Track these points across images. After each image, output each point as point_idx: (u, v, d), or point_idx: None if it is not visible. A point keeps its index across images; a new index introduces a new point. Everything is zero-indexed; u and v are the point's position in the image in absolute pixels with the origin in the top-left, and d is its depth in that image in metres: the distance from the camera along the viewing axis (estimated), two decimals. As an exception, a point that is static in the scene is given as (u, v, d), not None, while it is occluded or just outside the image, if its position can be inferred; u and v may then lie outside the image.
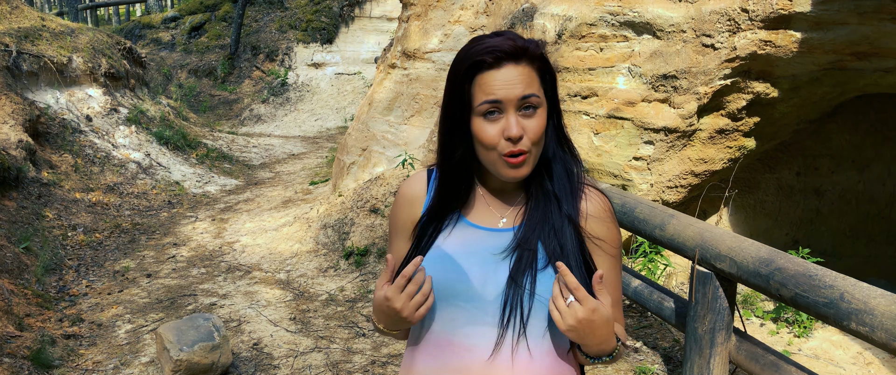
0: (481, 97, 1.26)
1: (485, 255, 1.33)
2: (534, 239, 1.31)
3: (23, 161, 6.61)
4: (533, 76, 1.28)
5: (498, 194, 1.39)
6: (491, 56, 1.26)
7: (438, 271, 1.33)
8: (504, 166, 1.28)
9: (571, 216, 1.32)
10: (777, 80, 4.50)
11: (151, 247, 6.18)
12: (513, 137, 1.25)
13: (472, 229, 1.37)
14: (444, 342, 1.33)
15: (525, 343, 1.29)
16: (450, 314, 1.33)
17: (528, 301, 1.28)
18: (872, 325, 2.37)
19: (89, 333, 4.33)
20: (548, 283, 1.28)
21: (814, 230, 5.64)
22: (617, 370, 3.74)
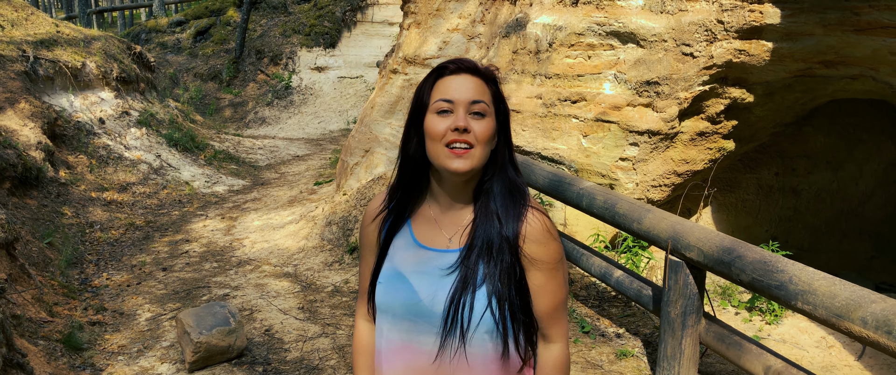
0: (437, 96, 1.45)
1: (433, 274, 1.49)
2: (475, 259, 1.46)
3: (42, 162, 6.95)
4: (485, 91, 1.47)
5: (446, 214, 1.53)
6: (454, 65, 1.48)
7: (394, 288, 1.51)
8: (448, 157, 1.43)
9: (509, 238, 1.46)
10: (752, 86, 4.83)
11: (165, 243, 6.51)
12: (459, 127, 1.41)
13: (423, 250, 1.52)
14: (402, 346, 1.52)
15: (463, 351, 1.46)
16: (406, 325, 1.50)
17: (468, 315, 1.44)
18: (815, 304, 2.71)
19: (112, 320, 4.66)
20: (482, 298, 1.44)
21: (791, 227, 5.97)
22: (600, 353, 4.07)
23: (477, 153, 1.43)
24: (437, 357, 1.47)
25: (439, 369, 1.48)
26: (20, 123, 7.17)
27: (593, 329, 4.36)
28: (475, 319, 1.44)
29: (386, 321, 1.54)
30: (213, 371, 3.90)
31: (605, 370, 3.87)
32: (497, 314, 1.45)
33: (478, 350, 1.47)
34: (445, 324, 1.45)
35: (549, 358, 1.56)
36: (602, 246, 5.19)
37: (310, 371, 3.92)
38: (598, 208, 4.10)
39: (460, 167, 1.42)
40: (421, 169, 1.52)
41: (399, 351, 1.52)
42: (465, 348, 1.46)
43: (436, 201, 1.54)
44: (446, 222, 1.53)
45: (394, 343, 1.53)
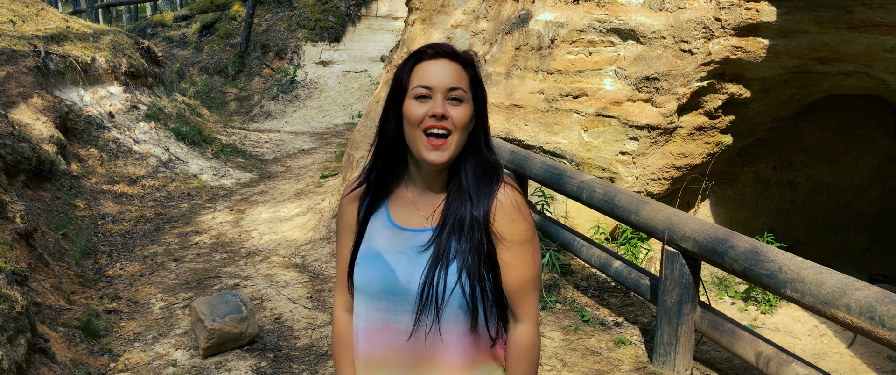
0: (416, 82, 1.47)
1: (409, 253, 1.52)
2: (447, 236, 1.49)
3: (55, 155, 7.10)
4: (463, 76, 1.49)
5: (423, 195, 1.56)
6: (432, 50, 1.49)
7: (372, 268, 1.54)
8: (426, 147, 1.46)
9: (478, 217, 1.49)
10: (749, 82, 4.95)
11: (175, 235, 6.67)
12: (437, 114, 1.43)
13: (399, 230, 1.55)
14: (381, 325, 1.54)
15: (438, 327, 1.49)
16: (383, 304, 1.53)
17: (441, 291, 1.47)
18: (802, 291, 2.84)
19: (127, 309, 4.81)
20: (453, 275, 1.47)
21: (788, 220, 6.09)
22: (599, 341, 4.21)
23: (454, 141, 1.46)
24: (412, 335, 1.49)
25: (415, 346, 1.50)
26: (33, 117, 7.31)
27: (593, 318, 4.50)
28: (447, 294, 1.47)
29: (364, 302, 1.56)
30: (227, 356, 4.05)
31: (603, 356, 4.01)
32: (467, 289, 1.47)
33: (451, 326, 1.49)
34: (420, 301, 1.47)
35: (515, 337, 1.58)
36: (602, 238, 5.32)
37: (319, 358, 4.06)
38: (597, 201, 4.24)
39: (437, 159, 1.45)
40: (398, 150, 1.54)
41: (377, 331, 1.54)
42: (439, 324, 1.48)
43: (413, 183, 1.57)
44: (422, 203, 1.55)
45: (373, 322, 1.55)
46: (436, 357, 1.51)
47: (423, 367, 1.51)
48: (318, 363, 4.00)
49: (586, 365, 3.89)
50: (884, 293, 2.61)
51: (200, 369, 3.93)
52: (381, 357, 1.54)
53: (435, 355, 1.51)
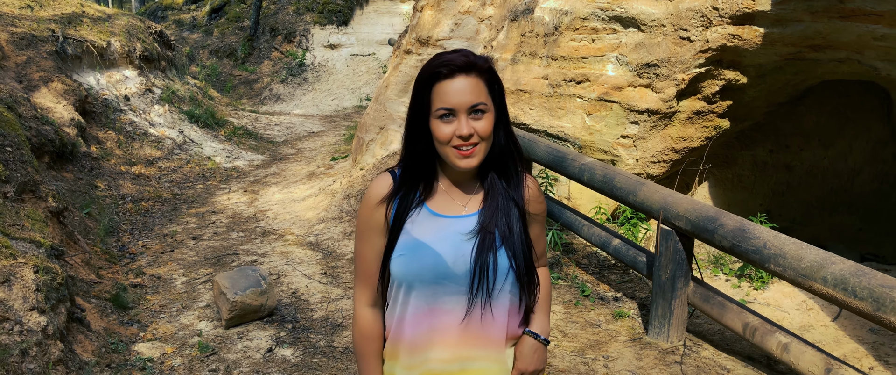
0: (438, 104, 1.53)
1: (453, 238, 1.60)
2: (492, 224, 1.61)
3: (76, 137, 7.35)
4: (481, 86, 1.55)
5: (458, 185, 1.66)
6: (446, 68, 1.53)
7: (415, 256, 1.59)
8: (457, 157, 1.55)
9: (518, 202, 1.64)
10: (745, 68, 5.14)
11: (193, 214, 6.93)
12: (463, 135, 1.52)
13: (439, 218, 1.62)
14: (427, 310, 1.60)
15: (490, 306, 1.61)
16: (430, 289, 1.60)
17: (493, 275, 1.59)
18: (784, 266, 3.07)
19: (152, 284, 5.08)
20: (504, 257, 1.60)
21: (784, 202, 6.30)
22: (598, 314, 4.45)
23: (481, 148, 1.56)
24: (467, 315, 1.59)
25: (468, 326, 1.60)
26: (54, 100, 7.56)
27: (593, 294, 4.74)
28: (500, 277, 1.59)
29: (410, 290, 1.61)
30: (247, 327, 4.32)
31: (602, 328, 4.25)
32: (517, 270, 1.61)
33: (501, 304, 1.62)
34: (473, 284, 1.58)
35: (544, 274, 1.82)
36: (604, 218, 5.54)
37: (334, 328, 4.33)
38: (597, 182, 4.46)
39: (468, 165, 1.56)
40: (427, 159, 1.63)
41: (425, 316, 1.61)
42: (491, 303, 1.60)
43: (446, 176, 1.66)
44: (456, 193, 1.65)
45: (420, 308, 1.61)
46: (485, 334, 1.62)
47: (470, 345, 1.61)
48: (333, 333, 4.26)
49: (585, 337, 4.14)
50: (857, 267, 2.84)
51: (224, 338, 4.20)
52: (428, 339, 1.62)
53: (485, 331, 1.62)
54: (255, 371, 3.82)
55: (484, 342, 1.62)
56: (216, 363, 3.90)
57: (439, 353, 1.61)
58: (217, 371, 3.82)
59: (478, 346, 1.62)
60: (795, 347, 3.27)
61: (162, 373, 3.76)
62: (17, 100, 6.51)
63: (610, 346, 4.02)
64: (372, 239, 1.67)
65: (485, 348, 1.63)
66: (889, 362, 3.68)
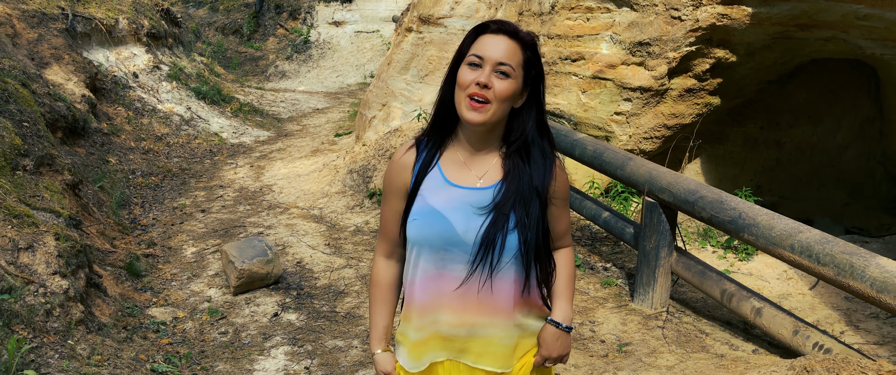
0: (473, 51, 1.62)
1: (466, 209, 1.67)
2: (508, 206, 1.65)
3: (87, 113, 7.57)
4: (517, 53, 1.62)
5: (474, 155, 1.71)
6: (495, 25, 1.64)
7: (430, 223, 1.68)
8: (466, 107, 1.61)
9: (540, 191, 1.67)
10: (735, 47, 5.30)
11: (201, 188, 7.16)
12: (481, 82, 1.58)
13: (455, 188, 1.70)
14: (436, 274, 1.70)
15: (490, 282, 1.68)
16: (440, 255, 1.68)
17: (499, 253, 1.65)
18: (757, 235, 3.27)
19: (163, 253, 5.33)
20: (514, 239, 1.66)
21: (774, 177, 6.49)
22: (588, 283, 4.67)
23: (492, 108, 1.61)
24: (464, 283, 1.67)
25: (466, 293, 1.68)
26: (65, 77, 7.76)
27: (584, 263, 4.96)
28: (505, 257, 1.66)
29: (422, 253, 1.71)
30: (254, 294, 4.56)
31: (590, 296, 4.48)
32: (524, 253, 1.67)
33: (504, 280, 1.68)
34: (476, 256, 1.65)
35: (566, 257, 1.85)
36: (597, 193, 5.75)
37: (337, 295, 4.56)
38: (588, 157, 4.66)
39: (474, 118, 1.61)
40: (451, 113, 1.69)
41: (433, 279, 1.70)
42: (491, 278, 1.67)
43: (463, 146, 1.72)
44: (473, 164, 1.71)
45: (429, 272, 1.70)
46: (489, 304, 1.69)
47: (476, 312, 1.70)
48: (335, 299, 4.50)
49: (574, 302, 4.36)
50: (822, 235, 3.04)
51: (232, 304, 4.44)
52: (436, 302, 1.71)
53: (489, 301, 1.69)
54: (262, 333, 4.07)
55: (489, 311, 1.70)
56: (225, 326, 4.15)
57: (447, 317, 1.70)
58: (226, 333, 4.06)
59: (483, 314, 1.70)
60: (767, 311, 3.49)
61: (175, 335, 4.01)
62: (30, 77, 6.71)
63: (597, 312, 4.24)
64: (392, 201, 1.77)
65: (491, 316, 1.70)
66: (859, 327, 3.90)
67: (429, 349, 1.75)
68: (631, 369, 3.46)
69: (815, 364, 2.63)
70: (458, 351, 1.74)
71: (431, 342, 1.74)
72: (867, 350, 3.59)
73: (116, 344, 3.59)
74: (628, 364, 3.53)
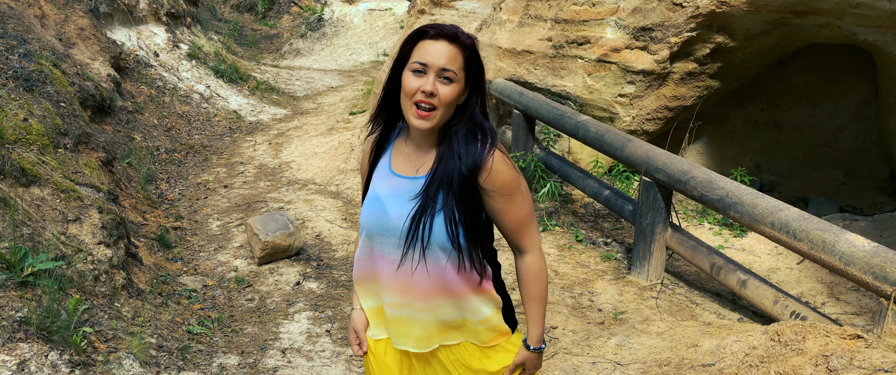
0: (415, 57, 1.68)
1: (401, 196, 1.77)
2: (434, 188, 1.72)
3: (112, 92, 7.89)
4: (458, 57, 1.68)
5: (417, 149, 1.80)
6: (433, 30, 1.69)
7: (371, 208, 1.80)
8: (414, 116, 1.69)
9: (468, 173, 1.70)
10: (734, 32, 5.53)
11: (222, 165, 7.49)
12: (426, 91, 1.65)
13: (397, 178, 1.80)
14: (375, 255, 1.81)
15: (424, 262, 1.74)
16: (378, 238, 1.79)
17: (427, 234, 1.71)
18: (741, 212, 3.56)
19: (190, 226, 5.67)
20: (440, 222, 1.71)
21: (773, 157, 6.73)
22: (589, 257, 4.98)
23: (438, 114, 1.69)
24: (400, 266, 1.76)
25: (403, 275, 1.77)
26: (91, 57, 8.08)
27: (586, 238, 5.26)
28: (434, 237, 1.72)
29: (365, 236, 1.83)
30: (277, 264, 4.90)
31: (590, 268, 4.78)
32: (451, 234, 1.72)
33: (434, 262, 1.75)
34: (406, 239, 1.73)
35: (523, 266, 1.85)
36: (601, 172, 6.02)
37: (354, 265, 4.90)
38: (590, 138, 4.93)
39: (422, 125, 1.70)
40: (394, 109, 1.80)
41: (370, 259, 1.83)
42: (425, 260, 1.74)
43: (411, 139, 1.82)
44: (415, 156, 1.81)
45: (367, 252, 1.83)
46: (420, 286, 1.77)
47: (413, 295, 1.79)
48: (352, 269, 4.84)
49: (575, 275, 4.67)
50: (800, 214, 3.32)
51: (257, 273, 4.79)
52: (375, 280, 1.84)
53: (419, 283, 1.77)
54: (286, 300, 4.41)
55: (422, 294, 1.77)
56: (251, 293, 4.50)
57: (389, 298, 1.81)
58: (252, 299, 4.41)
59: (420, 297, 1.78)
60: (751, 283, 3.78)
61: (206, 301, 4.36)
62: (60, 57, 7.03)
63: (596, 283, 4.55)
64: (363, 181, 1.93)
65: (428, 299, 1.78)
66: (839, 299, 4.18)
67: (377, 322, 1.90)
68: (624, 334, 3.78)
69: (785, 328, 2.93)
70: (401, 335, 1.84)
71: (378, 316, 1.89)
72: (844, 320, 3.88)
73: (154, 308, 3.94)
74: (622, 331, 3.85)
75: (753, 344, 2.99)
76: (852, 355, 2.57)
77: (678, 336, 3.62)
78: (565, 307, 4.22)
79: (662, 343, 3.56)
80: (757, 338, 3.02)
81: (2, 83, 4.71)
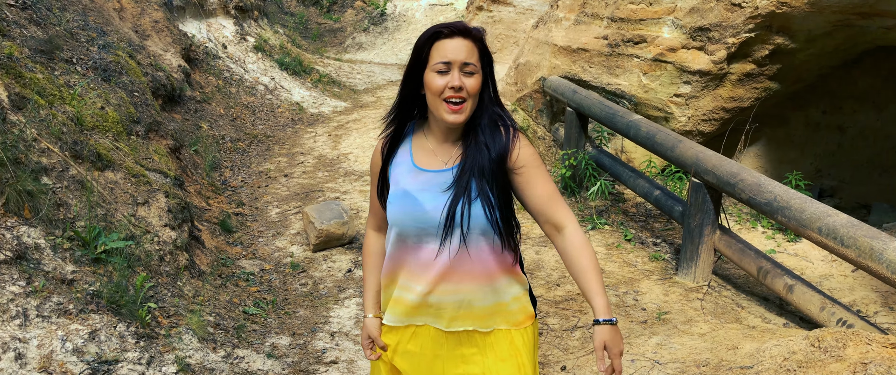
0: (437, 58, 1.76)
1: (433, 189, 1.85)
2: (466, 178, 1.81)
3: (182, 82, 8.27)
4: (474, 50, 1.79)
5: (442, 144, 1.88)
6: (447, 29, 1.77)
7: (403, 204, 1.86)
8: (446, 112, 1.78)
9: (497, 159, 1.82)
10: (795, 33, 5.42)
11: (283, 155, 7.77)
12: (455, 86, 1.75)
13: (424, 172, 1.87)
14: (412, 247, 1.88)
15: (466, 248, 1.83)
16: (413, 231, 1.86)
17: (468, 221, 1.80)
18: (789, 216, 3.53)
19: (251, 213, 5.93)
20: (478, 207, 1.80)
21: (835, 162, 6.56)
22: (637, 256, 4.99)
23: (468, 105, 1.80)
24: (439, 254, 1.85)
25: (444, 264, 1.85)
26: (163, 48, 8.48)
27: (635, 238, 5.27)
28: (474, 222, 1.81)
29: (402, 231, 1.88)
30: (331, 252, 5.09)
31: (637, 268, 4.80)
32: (490, 218, 1.82)
33: (478, 247, 1.85)
34: (445, 228, 1.82)
35: (567, 239, 1.86)
36: (654, 172, 6.00)
37: (403, 256, 5.05)
38: (642, 138, 4.94)
39: (456, 119, 1.80)
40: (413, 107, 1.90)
41: (414, 251, 1.89)
42: (466, 245, 1.83)
43: (432, 135, 1.90)
44: (441, 151, 1.88)
45: (406, 246, 1.89)
46: (464, 271, 1.86)
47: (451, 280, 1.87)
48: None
49: (621, 274, 4.70)
50: (849, 220, 3.29)
51: (311, 259, 4.99)
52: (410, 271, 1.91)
53: (464, 269, 1.86)
54: (337, 286, 4.59)
55: (463, 277, 1.86)
56: (305, 278, 4.70)
57: (426, 286, 1.88)
58: (306, 284, 4.61)
59: (455, 281, 1.86)
60: (798, 289, 3.75)
61: (262, 284, 4.58)
62: (135, 48, 7.42)
63: (642, 283, 4.57)
64: (374, 180, 2.00)
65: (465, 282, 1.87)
66: (894, 308, 4.09)
67: (406, 311, 1.94)
68: (665, 334, 3.80)
69: (826, 335, 2.92)
70: (435, 317, 1.92)
71: (409, 306, 1.93)
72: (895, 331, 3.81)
73: (214, 289, 4.17)
74: (664, 330, 3.87)
75: (793, 349, 2.99)
76: (892, 364, 2.55)
77: (720, 338, 3.62)
78: (609, 305, 4.26)
79: (703, 344, 3.58)
80: (797, 343, 3.01)
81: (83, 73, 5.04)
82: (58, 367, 2.65)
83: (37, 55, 4.51)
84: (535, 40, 7.13)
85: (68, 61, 4.96)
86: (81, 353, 2.75)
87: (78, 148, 3.84)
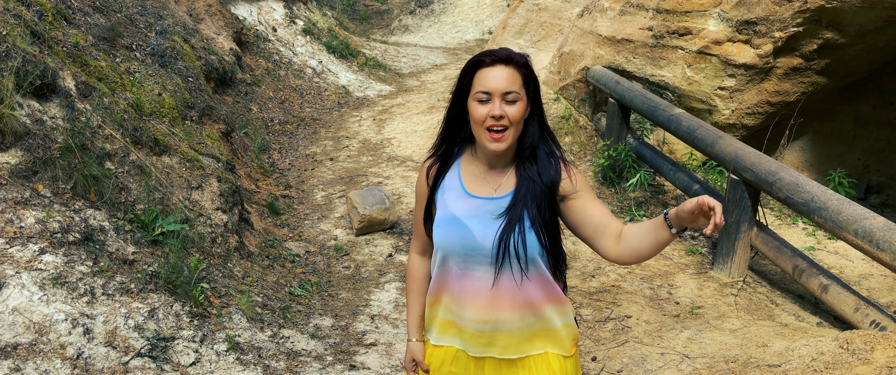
0: (478, 87, 1.77)
1: (483, 216, 1.84)
2: (519, 207, 1.81)
3: (233, 65, 8.53)
4: (517, 78, 1.78)
5: (490, 170, 1.88)
6: (489, 58, 1.78)
7: (452, 229, 1.85)
8: (488, 140, 1.78)
9: (549, 187, 1.82)
10: (844, 28, 5.34)
11: (329, 138, 7.97)
12: (495, 115, 1.75)
13: (474, 199, 1.86)
14: (462, 274, 1.87)
15: (519, 277, 1.82)
16: (462, 257, 1.85)
17: (523, 251, 1.79)
18: (825, 217, 3.55)
19: (297, 195, 6.15)
20: (533, 236, 1.80)
21: (884, 158, 6.44)
22: (673, 249, 5.04)
23: (510, 133, 1.79)
24: (494, 282, 1.83)
25: (496, 292, 1.85)
26: (216, 31, 8.74)
27: (672, 231, 5.30)
28: (531, 252, 1.81)
29: (446, 256, 1.88)
30: (373, 236, 5.27)
31: (674, 262, 4.85)
32: (545, 247, 1.82)
33: (533, 275, 1.85)
34: (498, 257, 1.81)
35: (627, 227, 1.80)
36: (695, 165, 6.00)
37: (443, 243, 5.19)
38: (682, 132, 4.96)
39: (497, 148, 1.79)
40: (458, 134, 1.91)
41: (459, 277, 1.88)
42: (520, 274, 1.82)
43: (480, 162, 1.90)
44: (490, 177, 1.88)
45: (453, 272, 1.88)
46: (517, 299, 1.86)
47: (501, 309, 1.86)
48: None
49: (656, 267, 4.76)
50: (886, 223, 3.30)
51: (354, 243, 5.17)
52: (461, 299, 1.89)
53: (516, 297, 1.85)
54: (378, 270, 4.77)
55: (514, 306, 1.86)
56: (348, 261, 4.88)
57: (472, 313, 1.88)
58: (349, 267, 4.80)
59: (507, 310, 1.86)
60: (833, 288, 3.76)
61: (307, 266, 4.79)
62: (190, 32, 7.68)
63: (677, 276, 4.63)
64: (420, 204, 2.00)
65: (516, 310, 1.86)
66: (932, 311, 4.07)
67: (455, 334, 1.95)
68: (697, 328, 3.87)
69: (855, 337, 2.96)
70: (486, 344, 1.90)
71: (459, 330, 1.93)
72: (932, 333, 3.79)
73: (262, 270, 4.39)
74: (696, 325, 3.94)
75: (822, 350, 3.04)
76: (918, 369, 2.59)
77: (751, 335, 3.68)
78: (642, 298, 4.34)
79: (734, 340, 3.63)
80: (826, 344, 3.06)
81: (141, 59, 5.29)
82: (121, 342, 2.87)
83: (100, 43, 4.75)
84: (580, 29, 7.15)
85: (128, 48, 5.21)
86: (142, 330, 2.97)
87: (138, 134, 4.07)
